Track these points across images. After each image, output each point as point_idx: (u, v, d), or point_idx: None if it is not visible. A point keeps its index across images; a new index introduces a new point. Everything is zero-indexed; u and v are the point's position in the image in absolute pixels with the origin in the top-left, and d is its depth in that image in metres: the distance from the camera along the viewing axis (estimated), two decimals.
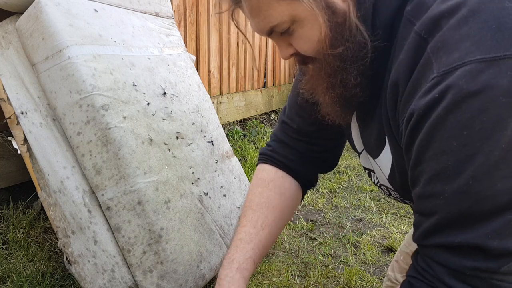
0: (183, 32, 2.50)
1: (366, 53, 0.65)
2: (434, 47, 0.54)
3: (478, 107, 0.49)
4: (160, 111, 1.32)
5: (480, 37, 0.50)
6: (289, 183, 0.93)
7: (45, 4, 1.13)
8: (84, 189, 1.18)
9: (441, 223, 0.56)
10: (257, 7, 0.65)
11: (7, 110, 1.25)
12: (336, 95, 0.70)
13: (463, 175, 0.52)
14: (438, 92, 0.53)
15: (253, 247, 0.84)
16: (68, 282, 1.33)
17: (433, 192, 0.56)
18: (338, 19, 0.64)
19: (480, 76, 0.49)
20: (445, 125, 0.52)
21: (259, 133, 3.16)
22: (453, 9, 0.53)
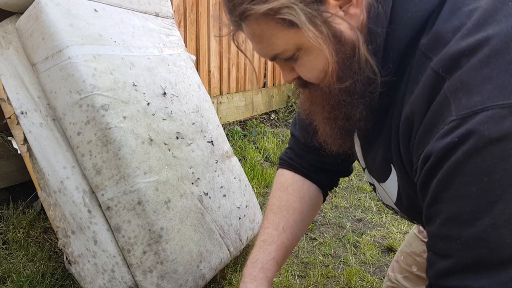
0: (183, 32, 2.50)
1: (375, 88, 0.62)
2: (452, 86, 0.52)
3: (500, 154, 0.48)
4: (160, 111, 1.32)
5: (503, 80, 0.48)
6: (308, 186, 0.93)
7: (45, 4, 1.13)
8: (84, 189, 1.18)
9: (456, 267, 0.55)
10: (260, 34, 0.63)
11: (7, 110, 1.25)
12: (337, 127, 0.68)
13: (482, 222, 0.51)
14: (458, 136, 0.51)
15: (275, 248, 0.85)
16: (68, 282, 1.33)
17: (449, 235, 0.55)
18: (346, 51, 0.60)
19: (503, 123, 0.47)
20: (465, 169, 0.51)
21: (259, 133, 3.16)
22: (475, 47, 0.51)
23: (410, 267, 1.05)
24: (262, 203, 2.14)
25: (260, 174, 2.42)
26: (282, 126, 3.59)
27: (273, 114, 3.74)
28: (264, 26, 0.61)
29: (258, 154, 2.76)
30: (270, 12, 0.58)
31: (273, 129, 3.44)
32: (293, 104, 3.87)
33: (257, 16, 0.60)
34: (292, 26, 0.59)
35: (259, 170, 2.46)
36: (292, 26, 0.59)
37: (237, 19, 0.63)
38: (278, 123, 3.64)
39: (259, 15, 0.59)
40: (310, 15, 0.57)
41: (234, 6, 0.61)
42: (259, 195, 2.22)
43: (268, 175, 2.43)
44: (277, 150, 2.92)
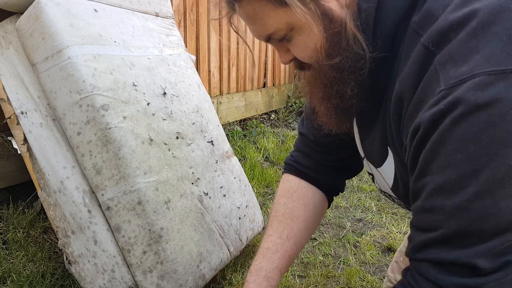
0: (183, 32, 2.50)
1: (364, 64, 0.63)
2: (441, 59, 0.52)
3: (486, 120, 0.48)
4: (160, 111, 1.32)
5: (490, 49, 0.48)
6: (313, 193, 0.93)
7: (45, 4, 1.13)
8: (84, 189, 1.18)
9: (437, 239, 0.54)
10: (253, 15, 0.64)
11: (7, 110, 1.25)
12: (331, 106, 0.68)
13: (466, 191, 0.50)
14: (445, 104, 0.51)
15: (279, 257, 0.86)
16: (68, 282, 1.33)
17: (433, 207, 0.54)
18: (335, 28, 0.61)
19: (490, 89, 0.47)
20: (451, 137, 0.50)
21: (259, 133, 3.16)
22: (463, 20, 0.51)
23: None
24: (262, 203, 2.14)
25: (260, 174, 2.42)
26: (282, 126, 3.59)
27: (273, 114, 3.74)
28: (256, 6, 0.62)
29: (258, 154, 2.76)
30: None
31: (273, 129, 3.44)
32: (293, 104, 3.87)
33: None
34: (282, 4, 0.60)
35: (259, 170, 2.46)
36: (283, 5, 0.60)
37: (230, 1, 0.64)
38: (278, 123, 3.64)
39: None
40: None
41: None
42: (259, 195, 2.22)
43: (268, 175, 2.43)
44: (277, 150, 2.92)
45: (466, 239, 0.52)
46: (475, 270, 0.51)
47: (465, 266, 0.52)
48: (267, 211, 2.07)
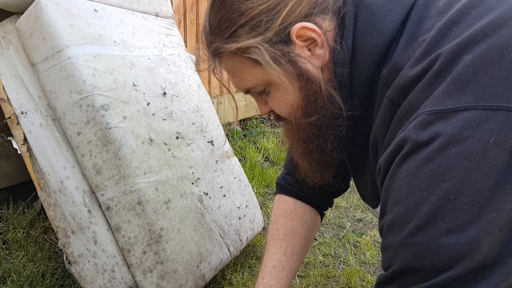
0: (183, 32, 2.50)
1: (341, 122, 0.66)
2: (403, 109, 0.56)
3: (426, 156, 0.49)
4: (160, 111, 1.32)
5: (435, 93, 0.51)
6: (309, 211, 0.97)
7: (45, 4, 1.13)
8: (84, 189, 1.18)
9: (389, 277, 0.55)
10: (233, 69, 0.68)
11: (7, 110, 1.25)
12: (313, 160, 0.71)
13: (408, 226, 0.50)
14: (394, 144, 0.54)
15: (286, 274, 0.90)
16: (68, 282, 1.33)
17: (386, 245, 0.55)
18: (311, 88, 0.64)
19: (430, 127, 0.49)
20: (398, 175, 0.52)
21: (259, 133, 3.16)
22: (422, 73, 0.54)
23: None
24: (262, 203, 2.14)
25: (260, 174, 2.42)
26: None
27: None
28: (236, 62, 0.66)
29: (258, 154, 2.76)
30: (238, 51, 0.64)
31: (273, 129, 3.44)
32: None
33: (228, 54, 0.65)
34: (259, 64, 0.63)
35: (259, 170, 2.46)
36: (260, 64, 0.63)
37: (213, 56, 0.68)
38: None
39: (230, 53, 0.65)
40: (275, 54, 0.62)
41: (209, 44, 0.67)
42: (259, 195, 2.22)
43: (268, 175, 2.43)
44: (277, 150, 2.92)
45: (411, 276, 0.51)
46: None
47: None
48: (267, 211, 2.07)
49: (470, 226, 0.47)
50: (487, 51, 0.49)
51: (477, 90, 0.48)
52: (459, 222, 0.47)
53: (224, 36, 0.64)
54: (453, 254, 0.48)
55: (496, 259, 0.47)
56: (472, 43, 0.50)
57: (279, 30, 0.61)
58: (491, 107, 0.47)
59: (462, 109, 0.48)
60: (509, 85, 0.47)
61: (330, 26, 0.63)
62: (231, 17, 0.63)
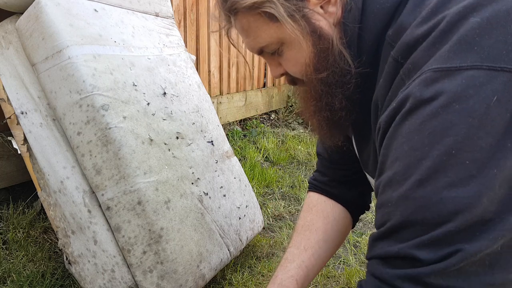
0: (183, 32, 2.50)
1: (350, 79, 0.67)
2: (406, 69, 0.56)
3: (429, 112, 0.50)
4: (160, 111, 1.32)
5: (441, 51, 0.52)
6: (332, 206, 0.96)
7: (45, 4, 1.13)
8: (84, 189, 1.18)
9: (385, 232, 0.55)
10: (247, 28, 0.68)
11: (7, 110, 1.25)
12: (322, 118, 0.72)
13: (409, 180, 0.51)
14: (396, 102, 0.54)
15: (295, 266, 0.87)
16: (68, 282, 1.33)
17: (384, 201, 0.55)
18: (323, 44, 0.65)
19: (434, 84, 0.50)
20: (400, 132, 0.53)
21: (259, 133, 3.16)
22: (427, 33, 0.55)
23: None
24: (262, 203, 2.14)
25: (260, 174, 2.42)
26: (282, 126, 3.59)
27: (273, 114, 3.74)
28: (251, 19, 0.67)
29: (258, 154, 2.76)
30: (254, 6, 0.64)
31: (273, 129, 3.44)
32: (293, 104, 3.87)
33: (244, 10, 0.66)
34: (274, 20, 0.65)
35: (259, 170, 2.46)
36: (274, 20, 0.65)
37: (228, 13, 0.69)
38: (278, 123, 3.64)
39: (246, 9, 0.65)
40: (290, 9, 0.63)
41: (225, 1, 0.68)
42: (259, 195, 2.22)
43: (268, 175, 2.43)
44: (277, 150, 2.92)
45: (410, 230, 0.52)
46: (416, 262, 0.51)
47: (407, 258, 0.52)
48: (267, 211, 2.07)
49: (471, 181, 0.48)
50: (494, 15, 0.50)
51: (482, 50, 0.49)
52: (460, 176, 0.48)
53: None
54: (453, 207, 0.48)
55: (495, 214, 0.48)
56: (479, 7, 0.51)
57: None
58: (496, 68, 0.48)
59: (468, 68, 0.49)
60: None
61: None
62: None
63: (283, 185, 2.38)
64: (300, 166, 2.77)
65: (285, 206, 2.15)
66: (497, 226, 0.48)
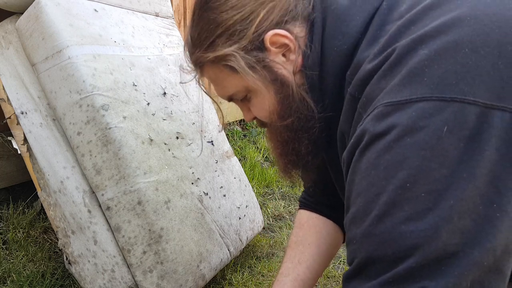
0: (183, 32, 2.50)
1: (314, 123, 0.68)
2: (361, 102, 0.58)
3: (383, 146, 0.50)
4: (160, 111, 1.32)
5: (392, 86, 0.52)
6: (323, 222, 0.96)
7: (45, 4, 1.13)
8: (84, 189, 1.18)
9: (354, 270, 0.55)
10: (215, 78, 0.72)
11: (7, 110, 1.25)
12: (289, 162, 0.74)
13: (370, 216, 0.51)
14: (354, 137, 0.55)
15: (290, 279, 0.88)
16: (68, 282, 1.33)
17: (350, 238, 0.55)
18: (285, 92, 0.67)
19: (387, 118, 0.51)
20: (359, 168, 0.53)
21: (259, 133, 3.16)
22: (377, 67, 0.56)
23: None
24: (262, 203, 2.14)
25: (260, 174, 2.42)
26: None
27: None
28: (216, 71, 0.70)
29: (258, 154, 2.76)
30: (217, 59, 0.68)
31: None
32: None
33: (209, 63, 0.70)
34: (237, 71, 0.67)
35: (259, 170, 2.46)
36: (237, 72, 0.67)
37: (195, 66, 0.73)
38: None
39: (210, 62, 0.69)
40: (250, 61, 0.65)
41: (191, 55, 0.72)
42: (259, 195, 2.22)
43: (268, 175, 2.43)
44: None
45: (374, 267, 0.51)
46: None
47: None
48: (267, 211, 2.07)
49: (428, 214, 0.47)
50: (442, 46, 0.50)
51: (432, 81, 0.49)
52: (416, 209, 0.48)
53: (203, 47, 0.69)
54: (412, 241, 0.48)
55: (458, 247, 0.46)
56: (427, 39, 0.51)
57: (253, 38, 0.65)
58: (445, 99, 0.48)
59: (417, 100, 0.49)
60: (463, 78, 0.48)
61: (302, 32, 0.67)
62: (209, 28, 0.67)
63: (283, 185, 2.38)
64: None
65: (285, 206, 2.15)
66: (462, 261, 0.46)
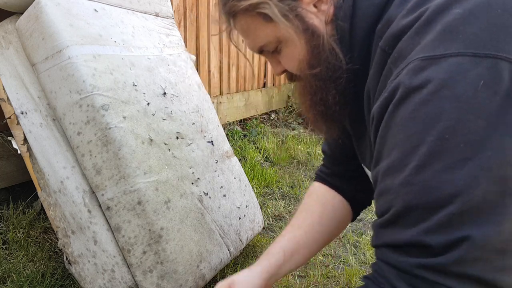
0: (183, 32, 2.50)
1: (341, 74, 0.70)
2: (392, 58, 0.59)
3: (420, 99, 0.52)
4: (160, 111, 1.32)
5: (426, 40, 0.54)
6: (332, 195, 0.98)
7: (45, 4, 1.13)
8: (84, 189, 1.18)
9: (390, 219, 0.56)
10: (246, 29, 0.72)
11: (7, 110, 1.25)
12: (317, 112, 0.75)
13: (408, 167, 0.53)
14: (387, 91, 0.56)
15: (285, 239, 0.92)
16: (68, 282, 1.33)
17: (384, 189, 0.57)
18: (316, 41, 0.69)
19: (423, 72, 0.52)
20: (394, 121, 0.55)
21: (259, 133, 3.16)
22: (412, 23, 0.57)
23: None
24: (262, 203, 2.14)
25: (260, 174, 2.42)
26: (282, 126, 3.59)
27: (273, 114, 3.74)
28: (249, 20, 0.71)
29: (258, 154, 2.76)
30: (251, 7, 0.68)
31: (273, 129, 3.44)
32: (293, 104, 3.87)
33: (242, 12, 0.70)
34: (270, 20, 0.68)
35: (259, 170, 2.46)
36: (270, 20, 0.68)
37: (227, 16, 0.72)
38: (278, 123, 3.64)
39: (243, 11, 0.69)
40: (284, 9, 0.67)
41: (224, 4, 0.72)
42: (259, 195, 2.22)
43: (268, 175, 2.43)
44: (277, 150, 2.92)
45: (413, 215, 0.53)
46: (429, 249, 0.52)
47: (419, 246, 0.52)
48: (267, 211, 2.07)
49: (467, 163, 0.49)
50: (475, 6, 0.53)
51: (466, 38, 0.51)
52: (456, 159, 0.50)
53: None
54: (452, 189, 0.50)
55: (498, 196, 0.49)
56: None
57: None
58: (479, 54, 0.50)
59: (453, 55, 0.51)
60: (496, 36, 0.51)
61: None
62: None
63: (283, 185, 2.39)
64: (300, 166, 2.77)
65: (285, 206, 2.15)
66: (502, 210, 0.49)
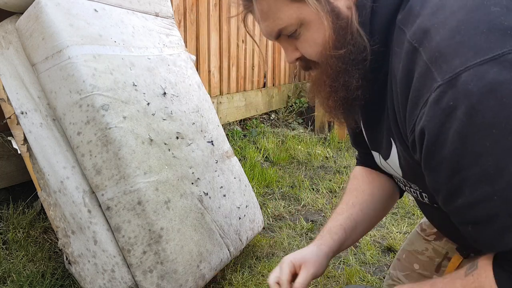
0: (183, 32, 2.50)
1: (366, 56, 0.69)
2: (432, 57, 0.57)
3: (496, 104, 0.51)
4: (160, 111, 1.32)
5: (475, 42, 0.53)
6: (377, 175, 0.99)
7: (45, 4, 1.13)
8: (84, 189, 1.18)
9: (508, 222, 0.55)
10: (267, 10, 0.71)
11: (7, 110, 1.25)
12: (339, 99, 0.73)
13: (508, 169, 0.53)
14: (449, 100, 0.54)
15: (344, 217, 0.93)
16: (68, 282, 1.33)
17: (484, 196, 0.56)
18: (341, 22, 0.68)
19: (487, 76, 0.51)
20: (472, 130, 0.53)
21: (259, 133, 3.16)
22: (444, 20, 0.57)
23: (412, 265, 1.05)
24: (262, 203, 2.14)
25: (260, 174, 2.42)
26: (282, 126, 3.59)
27: (273, 114, 3.74)
28: (271, 1, 0.69)
29: (258, 154, 2.76)
30: None
31: (273, 129, 3.44)
32: (293, 104, 3.87)
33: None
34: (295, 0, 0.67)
35: (259, 170, 2.46)
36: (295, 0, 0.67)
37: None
38: (278, 123, 3.64)
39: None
40: None
41: None
42: (259, 195, 2.22)
43: (268, 175, 2.43)
44: (277, 150, 2.92)
45: None
46: None
47: None
48: (267, 211, 2.07)
49: None
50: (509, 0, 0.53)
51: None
52: None
53: None
54: None
55: None
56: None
57: None
58: None
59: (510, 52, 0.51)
60: None
61: None
62: None
63: (283, 185, 2.38)
64: (300, 166, 2.77)
65: (285, 206, 2.15)
66: None
